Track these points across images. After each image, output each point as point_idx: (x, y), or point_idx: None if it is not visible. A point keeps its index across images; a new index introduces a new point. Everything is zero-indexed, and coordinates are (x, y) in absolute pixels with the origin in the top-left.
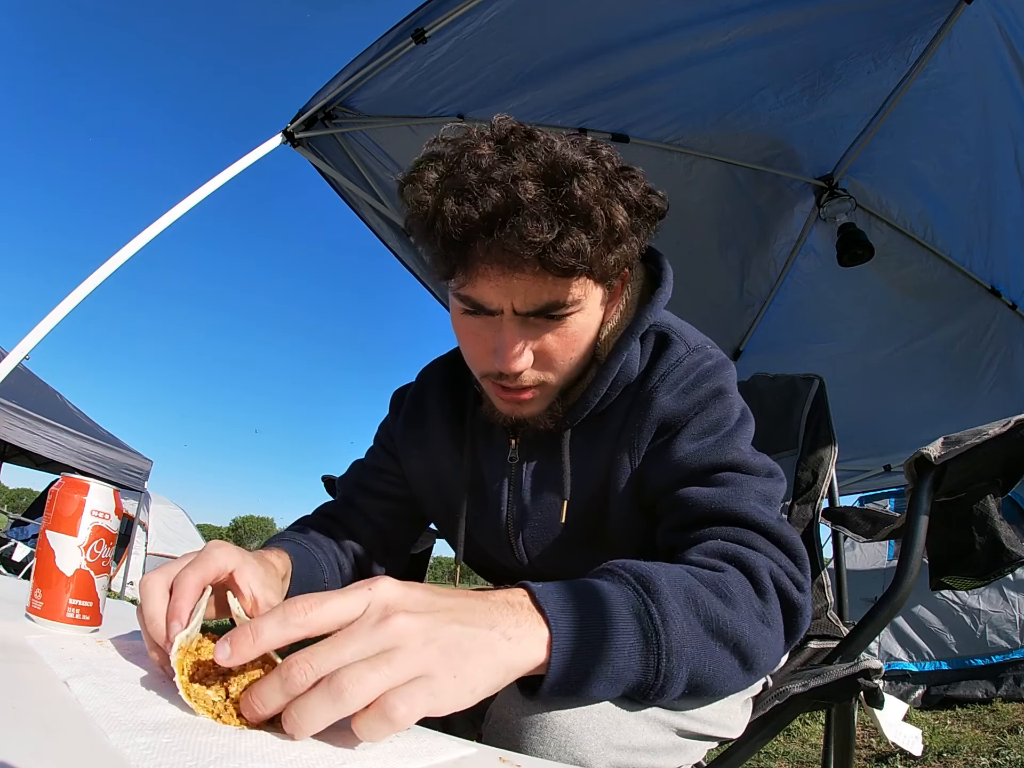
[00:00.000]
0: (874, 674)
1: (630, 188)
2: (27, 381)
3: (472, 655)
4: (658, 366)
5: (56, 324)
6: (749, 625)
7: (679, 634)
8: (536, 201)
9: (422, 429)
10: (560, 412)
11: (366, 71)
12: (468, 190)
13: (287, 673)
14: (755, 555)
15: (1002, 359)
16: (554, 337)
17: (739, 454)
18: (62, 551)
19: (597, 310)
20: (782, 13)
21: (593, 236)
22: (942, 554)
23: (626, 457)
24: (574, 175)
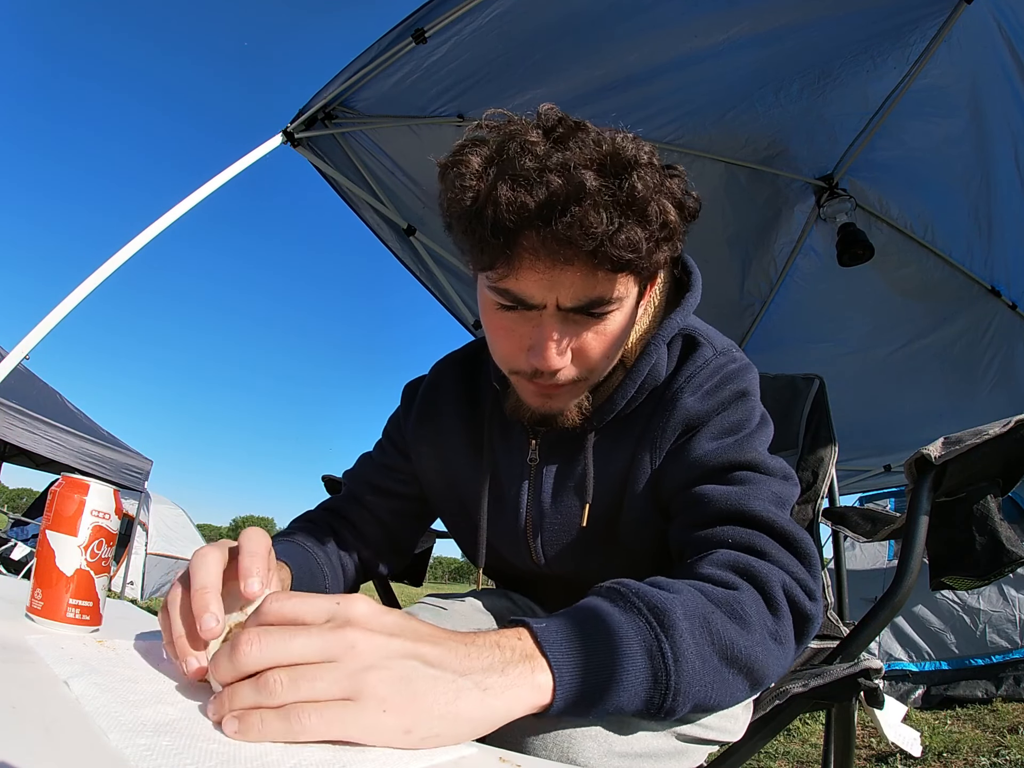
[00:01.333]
0: (874, 674)
1: (675, 186)
2: (27, 381)
3: (421, 697)
4: (685, 368)
5: (56, 324)
6: (762, 648)
7: (690, 673)
8: (600, 191)
9: (435, 426)
10: (588, 410)
11: (366, 71)
12: (524, 176)
13: (236, 645)
14: (768, 568)
15: (1002, 359)
16: (593, 335)
17: (756, 455)
18: (62, 551)
19: (634, 308)
20: (782, 12)
21: (648, 231)
22: (942, 554)
23: (647, 457)
24: (634, 168)
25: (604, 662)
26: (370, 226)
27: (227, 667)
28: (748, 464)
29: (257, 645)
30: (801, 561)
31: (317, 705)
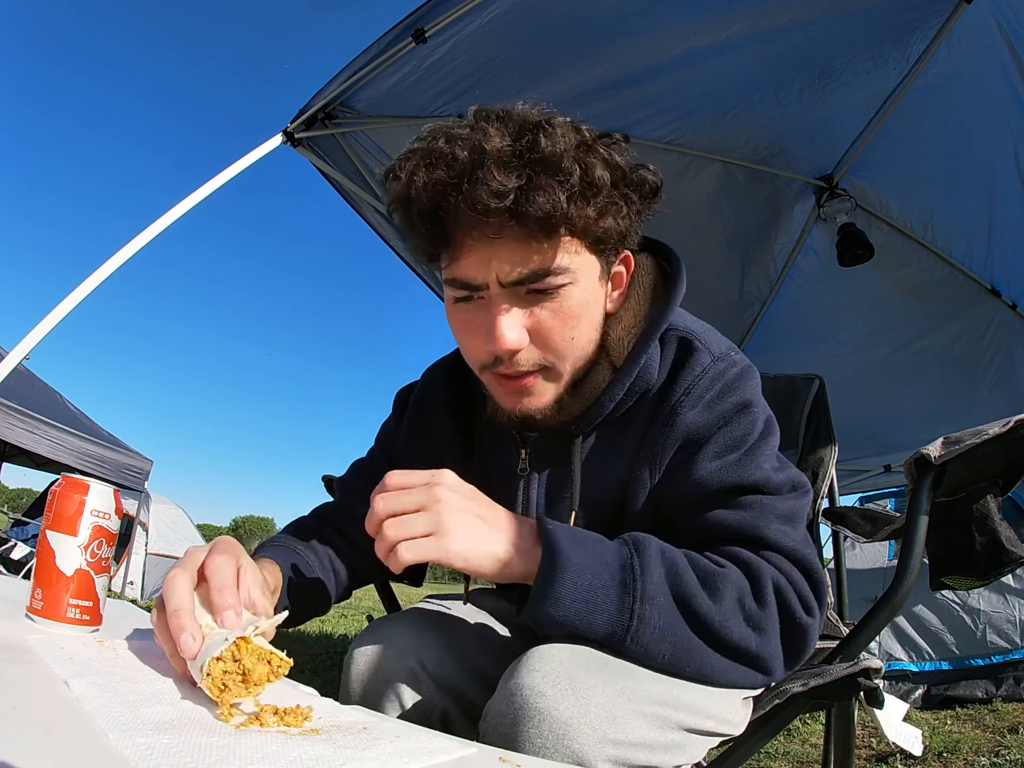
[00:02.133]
0: (874, 674)
1: (613, 153)
2: (27, 381)
3: (476, 538)
4: (682, 377)
5: (56, 324)
6: (726, 620)
7: (654, 587)
8: (500, 150)
9: (427, 436)
10: (572, 411)
11: (366, 71)
12: (439, 155)
13: (375, 501)
14: (766, 565)
15: (1002, 359)
16: (548, 313)
17: (762, 473)
18: (62, 551)
19: (595, 285)
20: (781, 11)
21: (566, 188)
22: (942, 554)
23: (646, 472)
24: (540, 128)
25: (585, 558)
26: (371, 225)
27: (370, 516)
28: (754, 486)
29: (381, 503)
30: (807, 579)
31: (413, 541)
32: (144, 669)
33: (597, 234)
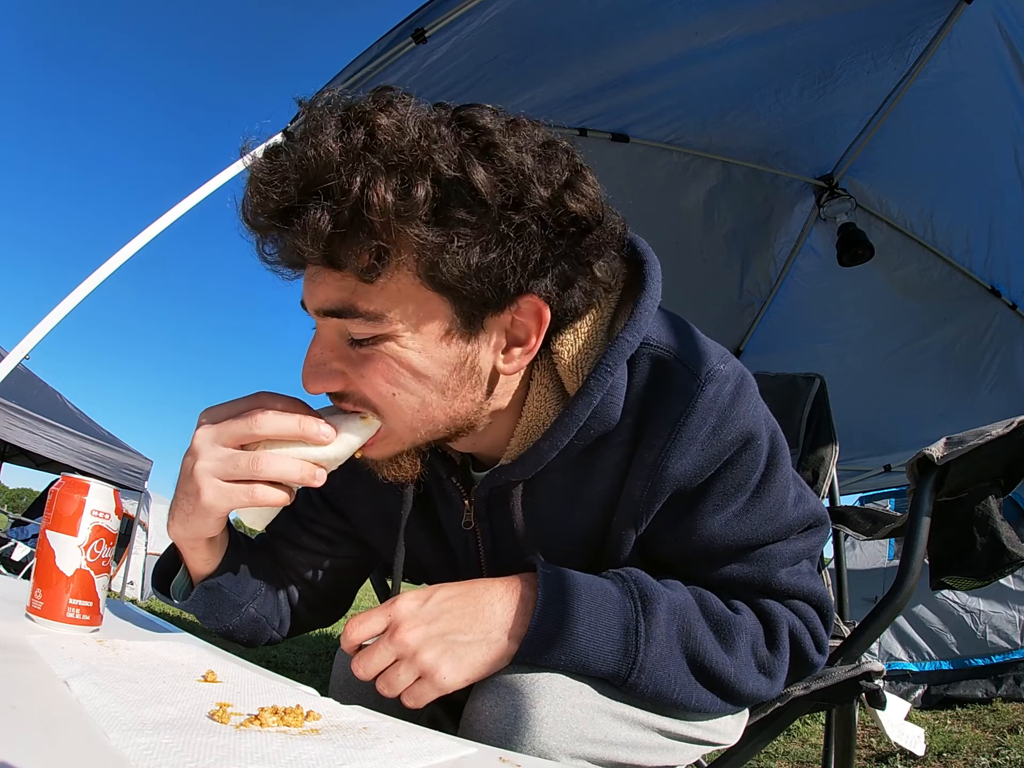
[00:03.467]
0: (876, 676)
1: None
2: (27, 381)
3: (462, 658)
4: (664, 414)
5: (56, 324)
6: (740, 671)
7: (656, 657)
8: (275, 172)
9: (369, 481)
10: (502, 451)
11: (366, 71)
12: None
13: (353, 668)
14: (781, 610)
15: (1002, 359)
16: (360, 360)
17: (770, 526)
18: (62, 551)
19: (436, 347)
20: (781, 11)
21: (332, 214)
22: (943, 554)
23: (630, 531)
24: (313, 134)
25: (584, 616)
26: None
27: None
28: (761, 541)
29: (361, 671)
30: (818, 614)
31: (408, 690)
32: (144, 669)
33: (448, 275)
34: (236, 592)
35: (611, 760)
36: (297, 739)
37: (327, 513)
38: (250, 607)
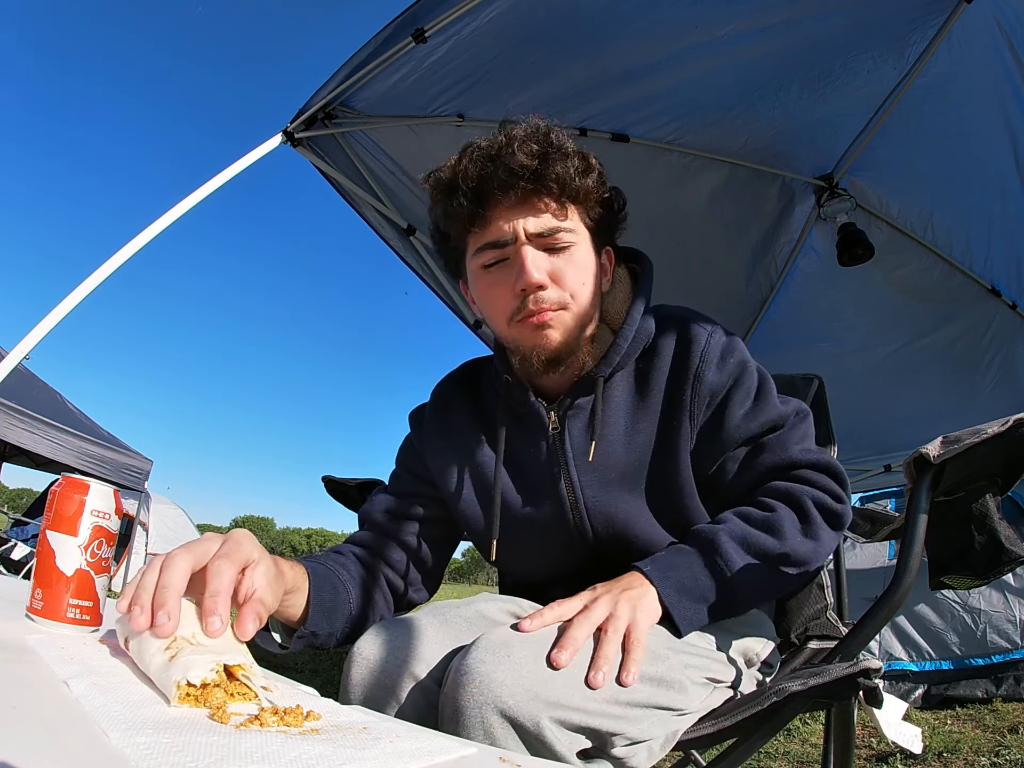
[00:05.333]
0: (873, 674)
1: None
2: (27, 381)
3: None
4: (693, 347)
5: (56, 324)
6: (795, 545)
7: (741, 571)
8: (526, 139)
9: (450, 432)
10: (587, 361)
11: (366, 71)
12: (478, 147)
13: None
14: (802, 489)
15: (1002, 359)
16: (563, 261)
17: (774, 410)
18: (62, 551)
19: (592, 254)
20: (780, 8)
21: (573, 166)
22: (941, 554)
23: (686, 420)
24: (550, 129)
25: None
26: (372, 225)
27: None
28: (772, 424)
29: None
30: (830, 475)
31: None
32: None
33: (594, 212)
34: (329, 626)
35: (568, 722)
36: (297, 739)
37: (417, 484)
38: (345, 627)
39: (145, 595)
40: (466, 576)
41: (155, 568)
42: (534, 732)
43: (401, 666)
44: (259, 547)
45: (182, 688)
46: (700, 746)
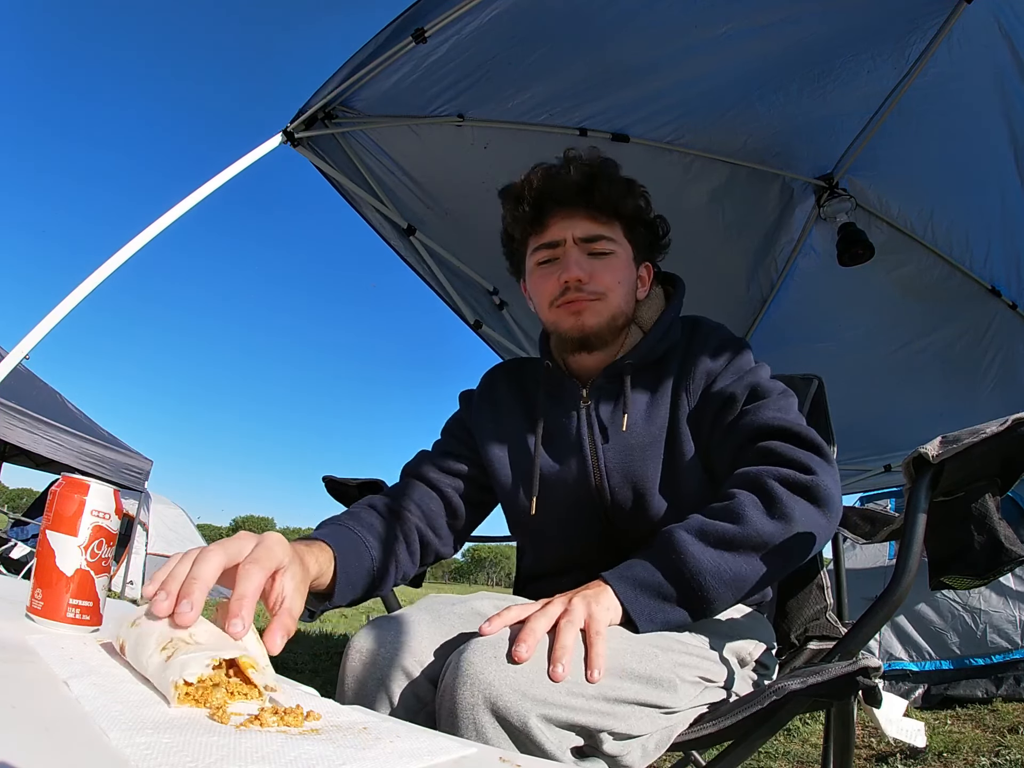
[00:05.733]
0: (873, 672)
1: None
2: (27, 381)
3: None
4: (696, 336)
5: (56, 324)
6: (760, 527)
7: (698, 561)
8: (581, 163)
9: (495, 411)
10: (617, 346)
11: (366, 71)
12: (544, 167)
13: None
14: (762, 470)
15: (1002, 359)
16: (602, 264)
17: (759, 379)
18: (62, 551)
19: (631, 264)
20: (780, 7)
21: (615, 188)
22: (941, 554)
23: (684, 398)
24: (603, 159)
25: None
26: (372, 225)
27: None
28: (756, 390)
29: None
30: (801, 445)
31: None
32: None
33: (636, 230)
34: (352, 595)
35: (556, 719)
36: (297, 739)
37: (461, 447)
38: (367, 586)
39: (173, 584)
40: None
41: (188, 559)
42: (522, 730)
43: (393, 660)
44: (290, 552)
45: (180, 688)
46: (700, 746)
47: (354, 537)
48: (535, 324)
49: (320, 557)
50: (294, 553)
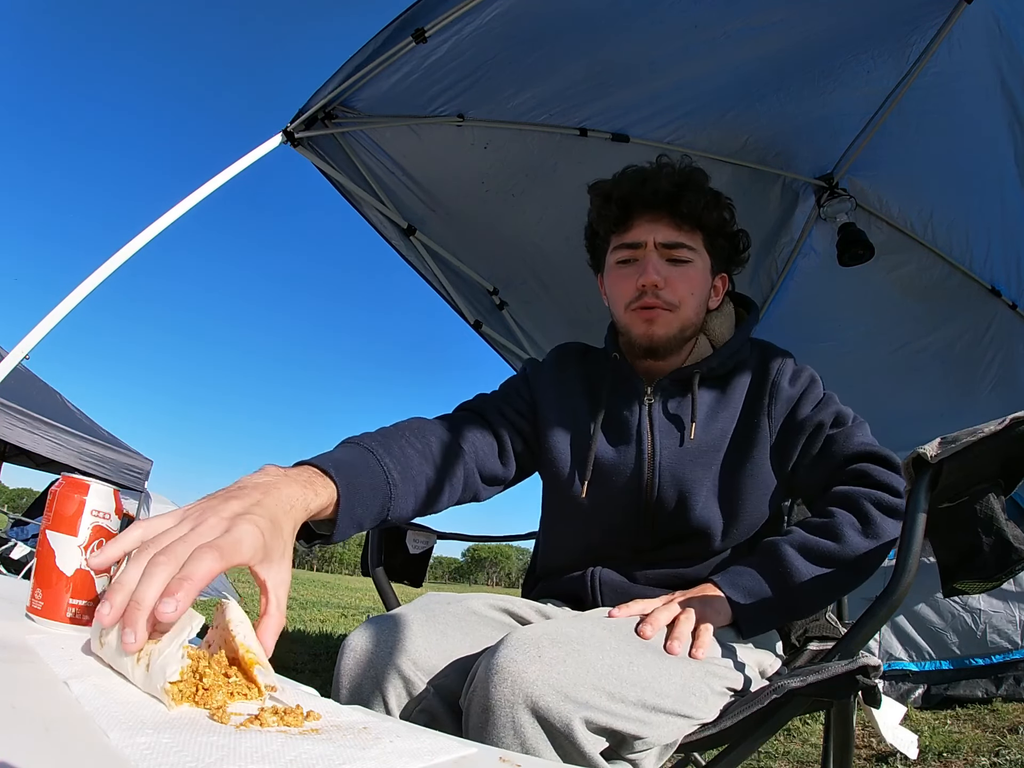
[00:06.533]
0: (872, 671)
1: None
2: (27, 381)
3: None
4: (772, 364)
5: (56, 324)
6: (855, 544)
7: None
8: (672, 171)
9: (561, 387)
10: (684, 353)
11: (366, 70)
12: (638, 169)
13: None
14: (858, 491)
15: (1002, 359)
16: (679, 273)
17: (840, 407)
18: (62, 551)
19: (706, 275)
20: (780, 9)
21: (702, 200)
22: (951, 560)
23: (763, 419)
24: (695, 169)
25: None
26: (373, 225)
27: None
28: (836, 420)
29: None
30: (887, 466)
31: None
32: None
33: (716, 241)
34: (361, 527)
35: (595, 722)
36: (297, 739)
37: (522, 403)
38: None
39: (119, 596)
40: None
41: (138, 565)
42: (564, 732)
43: (387, 659)
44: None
45: (169, 690)
46: (703, 748)
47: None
48: (535, 324)
49: (322, 493)
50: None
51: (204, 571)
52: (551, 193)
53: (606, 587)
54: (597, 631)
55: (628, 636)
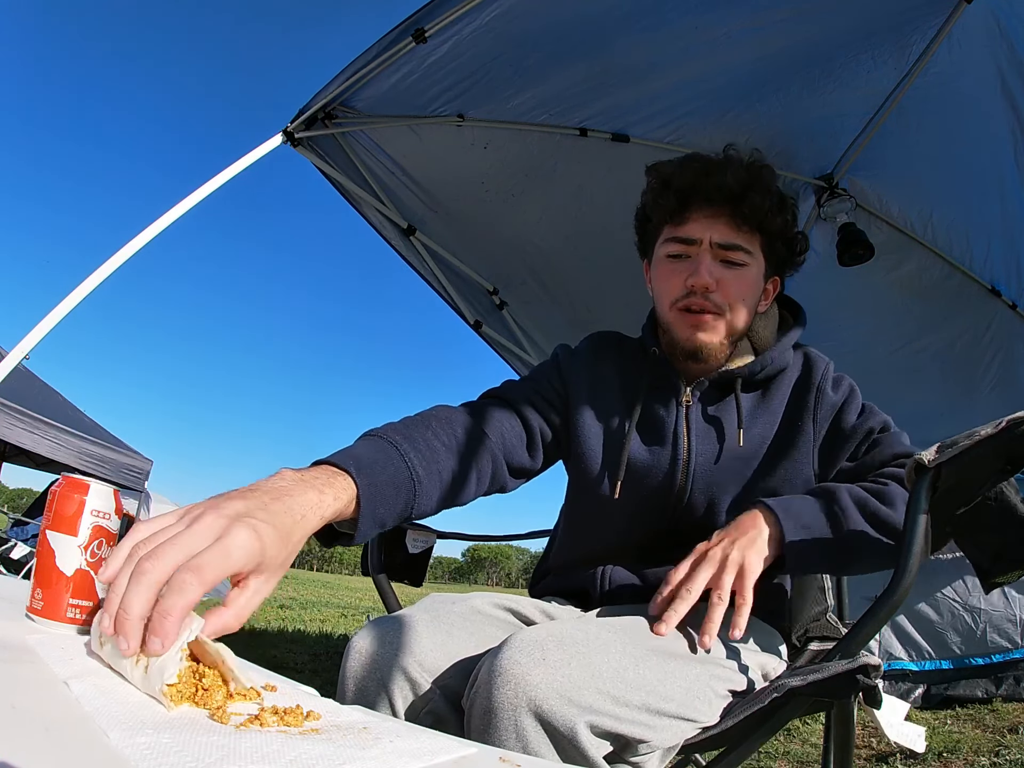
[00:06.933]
0: (873, 671)
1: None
2: (27, 381)
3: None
4: (815, 371)
5: (56, 324)
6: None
7: (856, 523)
8: (740, 166)
9: (595, 378)
10: (725, 363)
11: (366, 71)
12: (696, 159)
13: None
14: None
15: (1002, 359)
16: (733, 275)
17: (881, 417)
18: (62, 551)
19: (760, 278)
20: (780, 7)
21: (767, 201)
22: (984, 560)
23: (809, 424)
24: (764, 167)
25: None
26: (373, 225)
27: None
28: (882, 427)
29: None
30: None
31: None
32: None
33: (776, 245)
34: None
35: (599, 727)
36: (297, 739)
37: (552, 393)
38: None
39: (114, 602)
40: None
41: (127, 569)
42: (568, 736)
43: (393, 661)
44: (258, 547)
45: (168, 692)
46: (704, 749)
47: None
48: (535, 324)
49: (341, 496)
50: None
51: (183, 604)
52: (551, 193)
53: (615, 585)
54: (602, 633)
55: (633, 638)
